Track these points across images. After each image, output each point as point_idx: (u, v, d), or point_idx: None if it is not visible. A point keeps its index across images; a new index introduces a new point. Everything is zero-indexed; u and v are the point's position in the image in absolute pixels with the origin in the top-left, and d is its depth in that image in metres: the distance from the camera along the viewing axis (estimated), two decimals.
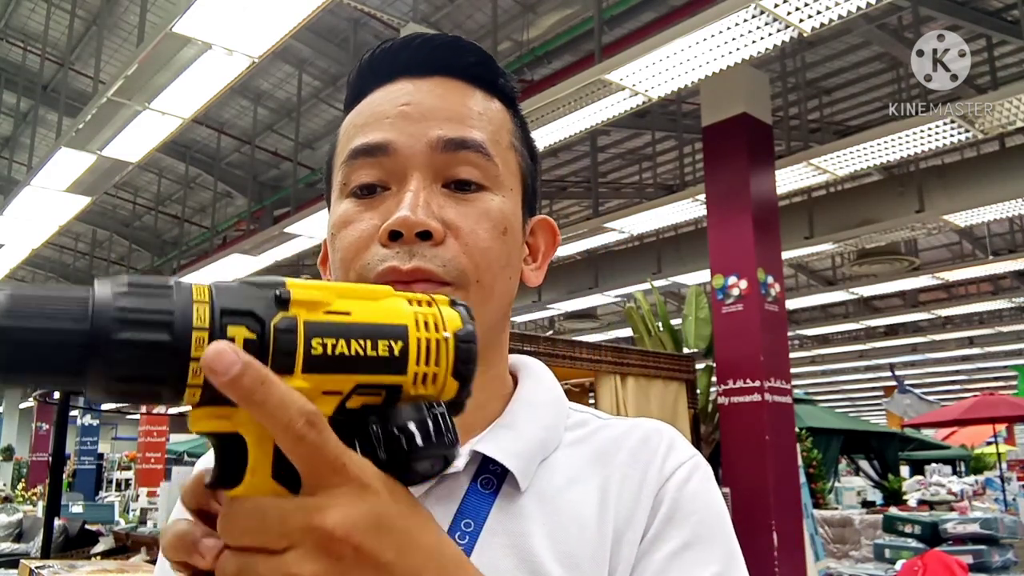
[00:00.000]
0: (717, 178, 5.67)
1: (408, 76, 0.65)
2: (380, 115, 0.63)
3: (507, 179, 0.64)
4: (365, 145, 0.62)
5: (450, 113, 0.63)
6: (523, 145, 0.69)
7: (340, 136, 0.67)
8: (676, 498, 0.62)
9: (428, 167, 0.61)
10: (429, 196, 0.60)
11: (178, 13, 4.19)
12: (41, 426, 16.50)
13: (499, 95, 0.68)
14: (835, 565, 6.86)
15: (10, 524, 9.41)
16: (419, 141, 0.61)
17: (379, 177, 0.62)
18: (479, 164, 0.62)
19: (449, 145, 0.61)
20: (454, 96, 0.64)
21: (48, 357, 0.33)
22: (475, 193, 0.62)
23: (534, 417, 0.66)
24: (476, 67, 0.66)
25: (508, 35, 7.26)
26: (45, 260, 13.62)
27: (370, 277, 0.59)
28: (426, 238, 0.58)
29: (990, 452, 13.06)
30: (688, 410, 4.97)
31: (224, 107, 9.03)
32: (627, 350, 4.84)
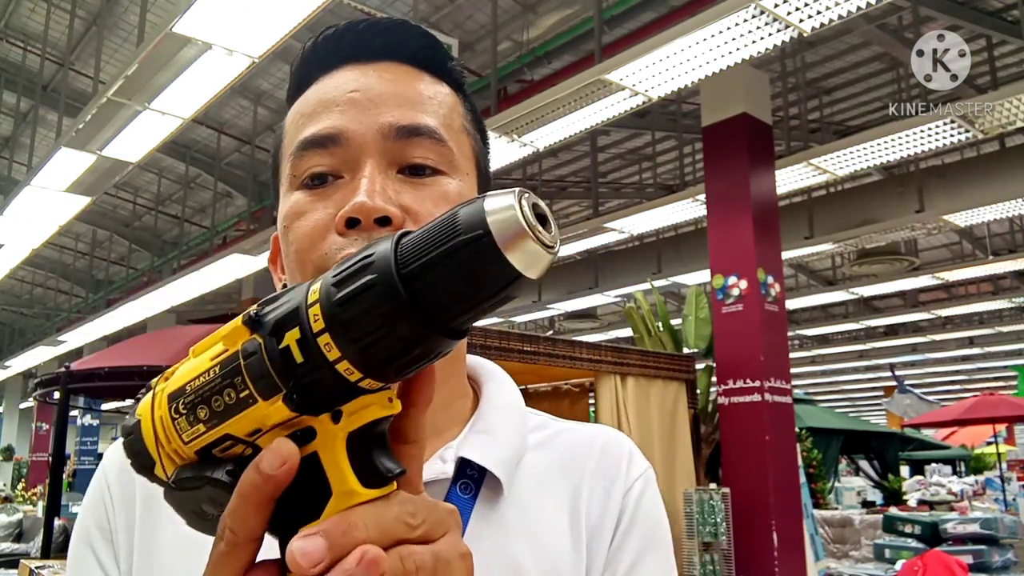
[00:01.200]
0: (717, 178, 5.67)
1: (354, 62, 0.63)
2: (328, 103, 0.61)
3: (462, 163, 0.63)
4: (315, 135, 0.60)
5: (400, 99, 0.61)
6: (475, 129, 0.67)
7: (286, 127, 0.65)
8: (634, 511, 0.65)
9: (382, 154, 0.59)
10: (385, 182, 0.58)
11: (178, 13, 4.19)
12: (41, 426, 16.50)
13: (447, 79, 0.66)
14: (835, 565, 6.86)
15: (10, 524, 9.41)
16: (370, 128, 0.59)
17: (331, 166, 0.59)
18: (433, 149, 0.60)
19: (402, 132, 0.59)
20: (403, 81, 0.62)
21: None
22: (431, 177, 0.60)
23: (509, 422, 0.65)
24: (423, 51, 0.64)
25: (508, 35, 7.26)
26: (45, 260, 13.61)
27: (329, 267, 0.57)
28: (385, 224, 0.56)
29: (990, 452, 13.07)
30: (688, 410, 4.97)
31: (224, 107, 9.03)
32: (627, 350, 4.84)
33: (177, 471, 0.38)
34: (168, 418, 0.38)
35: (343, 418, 0.37)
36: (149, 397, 0.40)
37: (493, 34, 6.57)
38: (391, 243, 0.34)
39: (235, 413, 0.36)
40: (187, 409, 0.38)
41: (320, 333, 0.34)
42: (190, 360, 0.39)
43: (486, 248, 0.33)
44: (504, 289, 0.34)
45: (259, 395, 0.36)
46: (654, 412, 4.72)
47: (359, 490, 0.37)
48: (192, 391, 0.38)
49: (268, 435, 0.37)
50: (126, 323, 11.70)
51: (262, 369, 0.35)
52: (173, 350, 5.37)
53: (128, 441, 0.41)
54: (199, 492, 0.38)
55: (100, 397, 9.47)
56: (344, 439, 0.37)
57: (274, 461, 0.36)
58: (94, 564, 0.63)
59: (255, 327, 0.36)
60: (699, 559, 4.61)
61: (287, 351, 0.35)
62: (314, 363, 0.34)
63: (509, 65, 7.32)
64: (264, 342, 0.35)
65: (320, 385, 0.35)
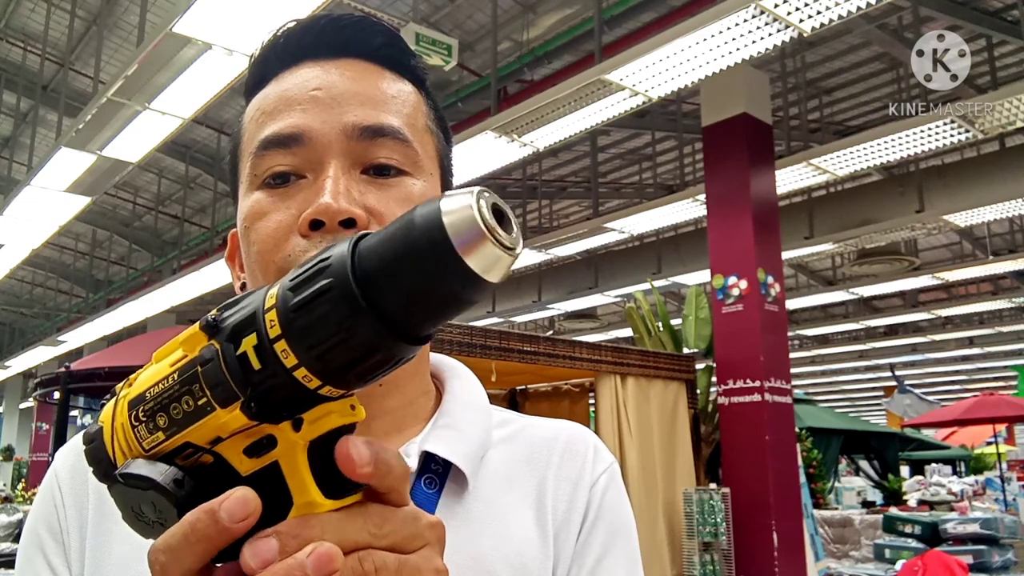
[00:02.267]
0: (717, 178, 5.67)
1: (315, 59, 0.62)
2: (290, 101, 0.59)
3: (426, 163, 0.62)
4: (277, 134, 0.58)
5: (363, 97, 0.59)
6: (438, 127, 0.66)
7: (245, 123, 0.63)
8: (600, 504, 0.65)
9: (345, 154, 0.57)
10: (349, 183, 0.56)
11: (178, 13, 4.19)
12: (41, 426, 16.51)
13: (409, 76, 0.65)
14: (835, 565, 6.86)
15: (10, 524, 9.41)
16: (333, 128, 0.58)
17: (293, 166, 0.58)
18: (398, 150, 0.59)
19: (366, 132, 0.58)
20: (366, 79, 0.61)
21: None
22: (395, 178, 0.59)
23: (473, 417, 0.65)
24: (385, 48, 0.63)
25: (508, 35, 7.26)
26: (45, 260, 13.62)
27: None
28: (350, 226, 0.55)
29: (990, 452, 13.07)
30: (688, 410, 4.97)
31: (224, 107, 9.03)
32: (627, 350, 4.84)
33: (127, 463, 0.37)
34: (128, 425, 0.37)
35: (304, 426, 0.35)
36: (112, 403, 0.39)
37: (493, 34, 6.57)
38: (348, 246, 0.33)
39: (194, 421, 0.35)
40: (146, 416, 0.37)
41: (276, 339, 0.33)
42: (152, 365, 0.38)
43: (443, 251, 0.31)
44: (463, 293, 0.32)
45: (217, 403, 0.34)
46: (654, 412, 4.72)
47: (321, 501, 0.36)
48: (151, 398, 0.37)
49: (228, 443, 0.36)
50: (126, 323, 11.69)
51: (219, 376, 0.34)
52: None
53: (90, 448, 0.39)
54: (142, 493, 0.36)
55: (100, 397, 9.48)
56: (305, 448, 0.35)
57: (236, 513, 0.34)
58: (43, 567, 0.61)
59: (212, 332, 0.35)
60: (699, 559, 4.62)
61: (244, 358, 0.34)
62: (272, 370, 0.33)
63: (509, 65, 7.32)
64: (221, 348, 0.34)
65: (279, 392, 0.34)
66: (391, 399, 0.62)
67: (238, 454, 0.36)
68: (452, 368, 0.70)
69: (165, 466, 0.36)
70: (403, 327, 0.33)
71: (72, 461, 0.64)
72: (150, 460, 0.36)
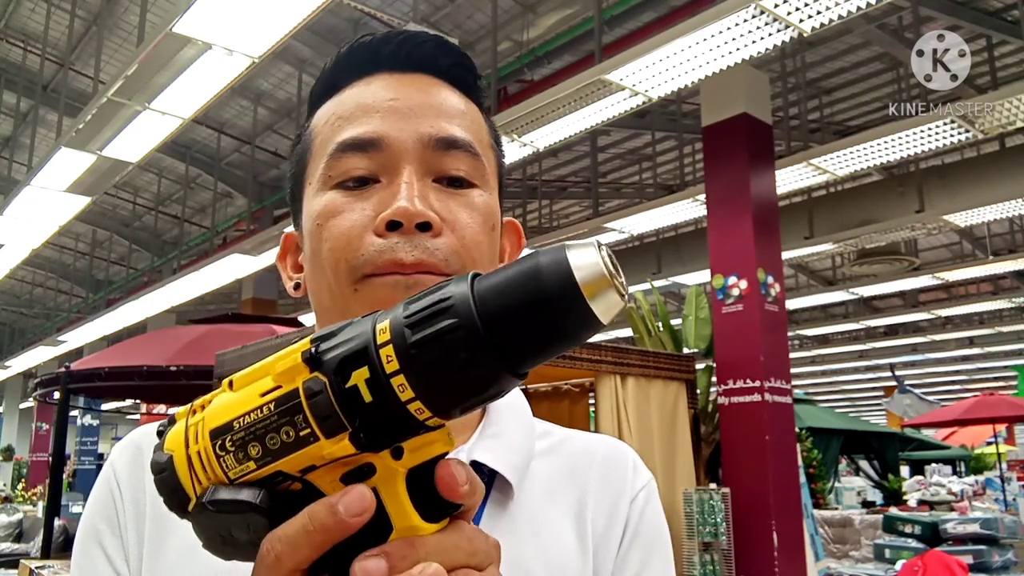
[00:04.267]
0: (717, 178, 5.67)
1: (388, 71, 0.64)
2: (368, 108, 0.62)
3: (490, 177, 0.65)
4: (356, 138, 0.60)
5: (438, 111, 0.62)
6: (498, 147, 0.70)
7: (318, 126, 0.65)
8: (639, 520, 0.67)
9: (420, 162, 0.60)
10: (423, 188, 0.59)
11: (178, 13, 4.19)
12: (41, 426, 16.51)
13: (474, 98, 0.68)
14: (835, 565, 6.86)
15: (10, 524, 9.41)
16: (410, 136, 0.60)
17: (370, 170, 0.60)
18: (468, 162, 0.62)
19: (441, 143, 0.60)
20: (438, 94, 0.63)
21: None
22: (466, 189, 0.61)
23: (518, 427, 0.67)
24: (455, 68, 0.66)
25: (508, 35, 7.26)
26: (45, 260, 13.61)
27: (365, 269, 0.57)
28: (425, 229, 0.57)
29: (990, 452, 13.07)
30: (688, 410, 4.97)
31: (224, 107, 9.03)
32: (627, 350, 4.84)
33: (212, 490, 0.38)
34: (211, 454, 0.38)
35: (405, 454, 0.37)
36: (180, 430, 0.40)
37: (493, 34, 6.56)
38: (467, 286, 0.35)
39: (292, 451, 0.36)
40: (235, 446, 0.37)
41: (394, 374, 0.34)
42: (228, 394, 0.39)
43: (574, 300, 0.34)
44: (583, 335, 0.35)
45: (323, 434, 0.36)
46: (654, 412, 4.72)
47: (422, 525, 0.38)
48: (241, 428, 0.37)
49: (321, 470, 0.37)
50: (126, 323, 11.69)
51: (329, 408, 0.35)
52: (173, 350, 5.37)
53: (161, 478, 0.40)
54: (234, 517, 0.37)
55: (100, 397, 9.48)
56: (404, 475, 0.37)
57: (353, 507, 0.36)
58: (102, 559, 0.62)
59: (315, 365, 0.36)
60: (699, 559, 4.61)
61: (355, 390, 0.35)
62: (386, 402, 0.35)
63: (509, 65, 7.32)
64: (329, 381, 0.35)
65: (386, 423, 0.35)
66: None
67: (332, 481, 0.37)
68: None
69: (255, 489, 0.37)
70: (519, 365, 0.35)
71: (129, 457, 0.66)
72: (234, 487, 0.37)
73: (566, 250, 0.35)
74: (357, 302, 0.58)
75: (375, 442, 0.36)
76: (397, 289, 0.56)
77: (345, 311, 0.58)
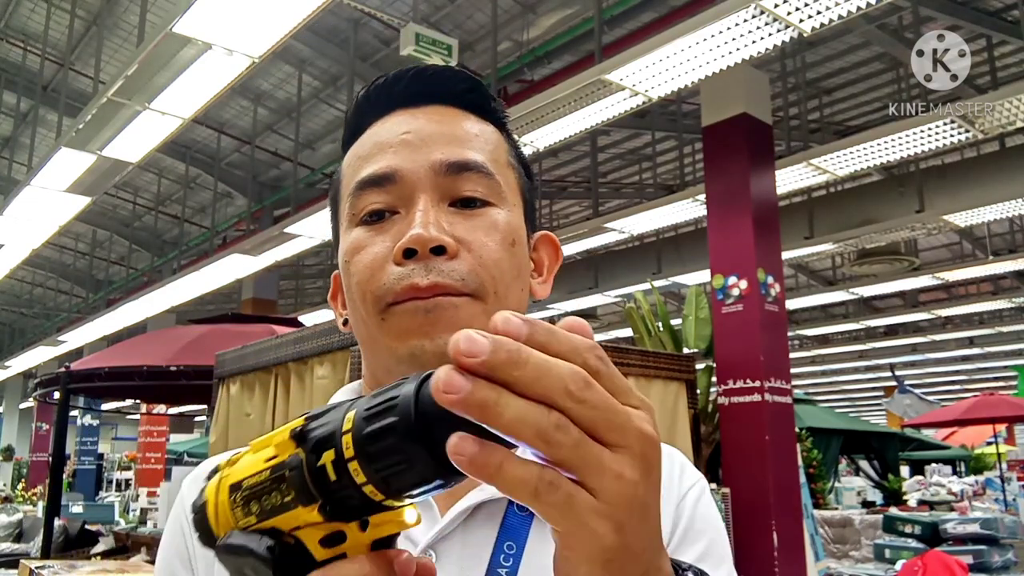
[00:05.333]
0: (717, 178, 5.67)
1: (404, 107, 0.67)
2: (382, 145, 0.65)
3: (509, 195, 0.66)
4: (371, 175, 0.64)
5: (449, 137, 0.65)
6: (519, 163, 0.72)
7: (344, 170, 0.69)
8: (691, 516, 0.68)
9: (434, 189, 0.62)
10: (438, 214, 0.61)
11: (178, 13, 4.19)
12: (41, 426, 16.51)
13: (491, 119, 0.71)
14: (835, 565, 6.86)
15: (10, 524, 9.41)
16: (422, 166, 0.63)
17: (387, 203, 0.63)
18: (482, 182, 0.64)
19: (452, 168, 0.63)
20: (450, 122, 0.66)
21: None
22: (481, 209, 0.64)
23: None
24: (468, 94, 0.69)
25: (508, 35, 7.26)
26: (45, 260, 13.62)
27: (387, 298, 0.61)
28: (440, 253, 0.60)
29: (990, 452, 13.07)
30: (688, 410, 4.97)
31: (224, 107, 9.03)
32: (627, 350, 4.84)
33: (226, 535, 0.44)
34: (227, 505, 0.44)
35: (369, 527, 0.42)
36: (216, 479, 0.46)
37: (493, 34, 6.57)
38: (414, 387, 0.37)
39: (280, 512, 0.42)
40: (243, 502, 0.43)
41: (350, 460, 0.38)
42: (249, 455, 0.45)
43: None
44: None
45: (299, 502, 0.41)
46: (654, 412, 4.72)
47: None
48: (247, 487, 0.43)
49: (306, 531, 0.42)
50: (126, 323, 11.70)
51: (302, 482, 0.40)
52: (173, 350, 5.37)
53: (195, 519, 0.47)
54: (243, 559, 0.42)
55: (100, 397, 9.48)
56: (369, 545, 0.42)
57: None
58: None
59: (299, 441, 0.41)
60: None
61: (323, 469, 0.39)
62: (345, 482, 0.39)
63: (509, 65, 7.32)
64: (305, 458, 0.40)
65: (350, 500, 0.40)
66: None
67: (315, 542, 0.42)
68: None
69: (260, 537, 0.42)
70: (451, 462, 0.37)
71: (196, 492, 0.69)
72: (244, 534, 0.43)
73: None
74: (384, 332, 0.62)
75: (340, 514, 0.40)
76: (417, 315, 0.60)
77: (376, 341, 0.63)
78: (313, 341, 3.36)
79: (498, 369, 0.33)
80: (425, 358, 0.60)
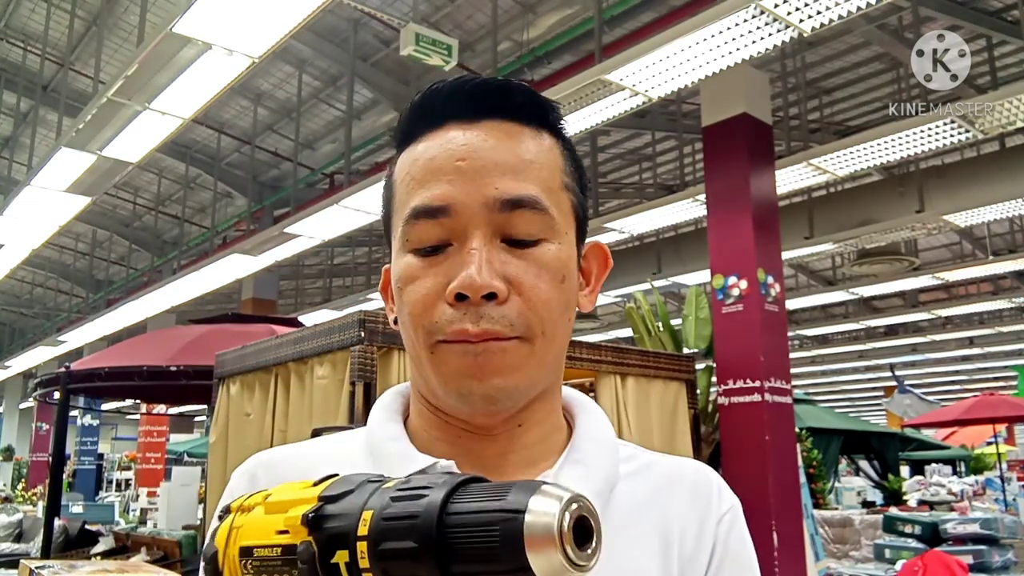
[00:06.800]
0: (717, 178, 5.67)
1: (458, 120, 0.66)
2: (437, 171, 0.64)
3: (562, 224, 0.66)
4: (426, 206, 0.63)
5: (505, 167, 0.64)
6: (574, 180, 0.70)
7: (397, 182, 0.68)
8: (726, 541, 0.70)
9: (487, 224, 0.63)
10: (491, 253, 0.62)
11: (178, 13, 4.19)
12: (41, 426, 16.51)
13: (549, 129, 0.69)
14: (835, 565, 6.86)
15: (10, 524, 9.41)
16: (476, 200, 0.63)
17: (440, 237, 0.63)
18: (535, 220, 0.64)
19: (506, 205, 0.63)
20: (507, 145, 0.65)
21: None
22: (532, 248, 0.64)
23: (601, 453, 0.70)
24: (525, 107, 0.68)
25: (508, 35, 7.26)
26: (45, 260, 13.61)
27: (438, 336, 0.62)
28: (491, 299, 0.61)
29: (990, 452, 13.07)
30: (688, 410, 4.97)
31: (224, 107, 9.03)
32: (627, 350, 4.83)
33: None
34: (238, 567, 0.45)
35: None
36: (225, 528, 0.47)
37: (493, 34, 6.57)
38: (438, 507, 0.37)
39: None
40: (253, 570, 0.44)
41: (366, 570, 0.39)
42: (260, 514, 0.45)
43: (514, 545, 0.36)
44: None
45: None
46: (654, 412, 4.71)
47: None
48: (258, 558, 0.44)
49: None
50: (126, 323, 11.70)
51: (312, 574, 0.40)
52: (173, 350, 5.37)
53: (207, 568, 0.48)
54: None
55: (100, 397, 9.47)
56: None
57: None
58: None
59: (312, 529, 0.41)
60: None
61: (336, 567, 0.40)
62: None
63: (509, 65, 7.32)
64: (317, 552, 0.40)
65: None
66: (529, 435, 0.68)
67: None
68: (582, 404, 0.75)
69: None
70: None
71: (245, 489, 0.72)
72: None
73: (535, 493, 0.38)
74: (431, 364, 0.63)
75: None
76: (466, 357, 0.61)
77: (423, 367, 0.65)
78: (313, 341, 3.36)
79: None
80: (473, 399, 0.62)
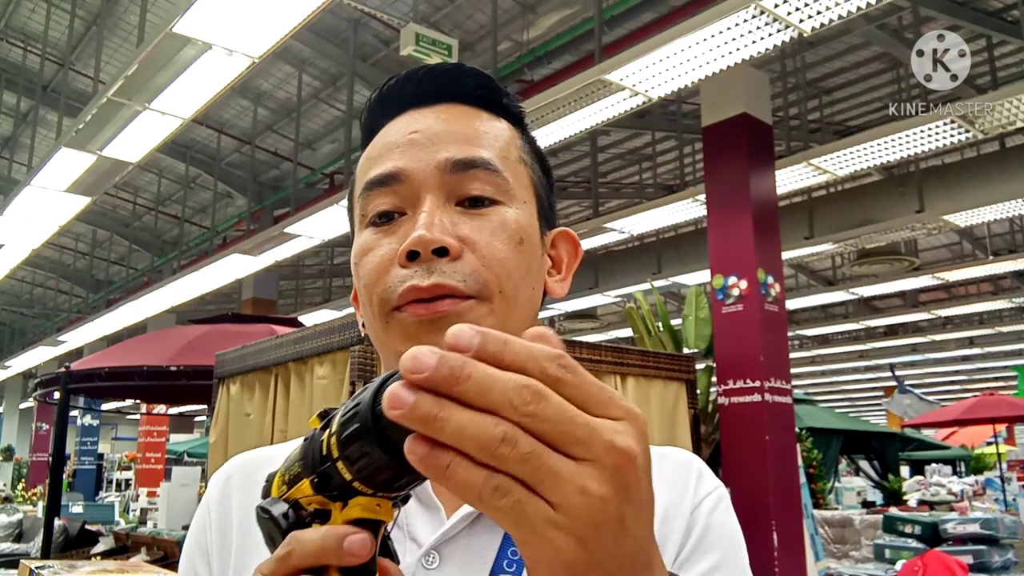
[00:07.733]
0: (717, 178, 5.67)
1: (415, 107, 0.67)
2: (390, 146, 0.65)
3: (519, 192, 0.65)
4: (378, 176, 0.64)
5: (456, 136, 0.64)
6: (534, 160, 0.70)
7: (356, 172, 0.69)
8: (706, 524, 0.66)
9: (440, 188, 0.62)
10: (443, 214, 0.61)
11: (178, 13, 4.19)
12: (41, 426, 16.51)
13: (504, 115, 0.70)
14: (835, 565, 6.86)
15: (10, 524, 9.41)
16: (428, 165, 0.62)
17: (394, 204, 0.63)
18: (489, 180, 0.63)
19: (458, 165, 0.62)
20: (459, 120, 0.66)
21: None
22: (488, 208, 0.63)
23: None
24: (479, 90, 0.68)
25: (508, 35, 7.26)
26: (45, 260, 13.61)
27: (392, 299, 0.60)
28: (443, 254, 0.59)
29: (990, 452, 13.08)
30: (688, 410, 4.97)
31: (224, 107, 9.03)
32: (627, 350, 4.84)
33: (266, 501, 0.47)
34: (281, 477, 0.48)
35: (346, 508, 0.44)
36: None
37: (493, 34, 6.57)
38: (371, 394, 0.40)
39: (296, 483, 0.46)
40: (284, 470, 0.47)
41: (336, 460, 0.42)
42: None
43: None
44: None
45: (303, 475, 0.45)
46: (654, 412, 4.72)
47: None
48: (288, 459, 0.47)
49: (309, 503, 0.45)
50: (126, 323, 11.70)
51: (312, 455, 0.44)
52: (173, 350, 5.37)
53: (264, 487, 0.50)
54: (264, 522, 0.46)
55: (100, 397, 9.48)
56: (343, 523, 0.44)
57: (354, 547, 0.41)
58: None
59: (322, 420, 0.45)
60: None
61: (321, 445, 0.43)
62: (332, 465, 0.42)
63: (509, 65, 7.32)
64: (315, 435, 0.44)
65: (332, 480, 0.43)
66: None
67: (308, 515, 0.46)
68: None
69: (283, 504, 0.46)
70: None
71: (220, 490, 0.72)
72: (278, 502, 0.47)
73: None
74: (388, 335, 0.62)
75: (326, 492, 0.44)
76: (421, 325, 0.60)
77: (383, 343, 0.64)
78: (313, 341, 3.36)
79: (441, 385, 0.33)
80: None
